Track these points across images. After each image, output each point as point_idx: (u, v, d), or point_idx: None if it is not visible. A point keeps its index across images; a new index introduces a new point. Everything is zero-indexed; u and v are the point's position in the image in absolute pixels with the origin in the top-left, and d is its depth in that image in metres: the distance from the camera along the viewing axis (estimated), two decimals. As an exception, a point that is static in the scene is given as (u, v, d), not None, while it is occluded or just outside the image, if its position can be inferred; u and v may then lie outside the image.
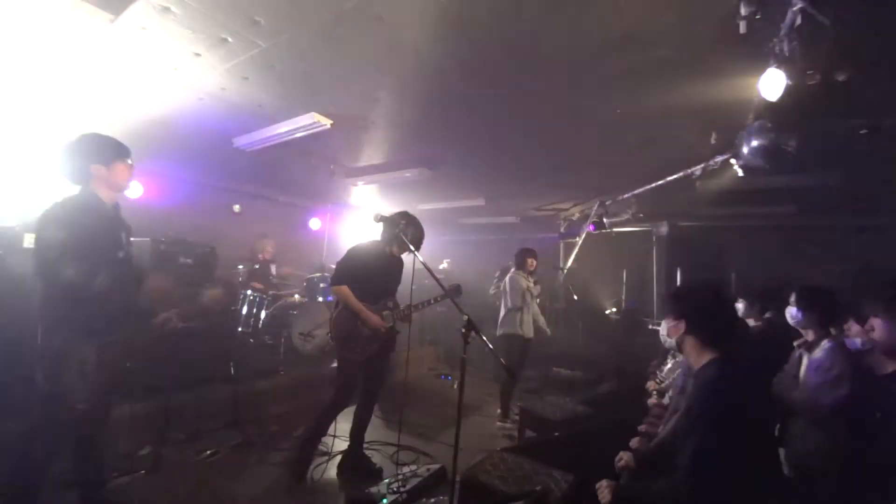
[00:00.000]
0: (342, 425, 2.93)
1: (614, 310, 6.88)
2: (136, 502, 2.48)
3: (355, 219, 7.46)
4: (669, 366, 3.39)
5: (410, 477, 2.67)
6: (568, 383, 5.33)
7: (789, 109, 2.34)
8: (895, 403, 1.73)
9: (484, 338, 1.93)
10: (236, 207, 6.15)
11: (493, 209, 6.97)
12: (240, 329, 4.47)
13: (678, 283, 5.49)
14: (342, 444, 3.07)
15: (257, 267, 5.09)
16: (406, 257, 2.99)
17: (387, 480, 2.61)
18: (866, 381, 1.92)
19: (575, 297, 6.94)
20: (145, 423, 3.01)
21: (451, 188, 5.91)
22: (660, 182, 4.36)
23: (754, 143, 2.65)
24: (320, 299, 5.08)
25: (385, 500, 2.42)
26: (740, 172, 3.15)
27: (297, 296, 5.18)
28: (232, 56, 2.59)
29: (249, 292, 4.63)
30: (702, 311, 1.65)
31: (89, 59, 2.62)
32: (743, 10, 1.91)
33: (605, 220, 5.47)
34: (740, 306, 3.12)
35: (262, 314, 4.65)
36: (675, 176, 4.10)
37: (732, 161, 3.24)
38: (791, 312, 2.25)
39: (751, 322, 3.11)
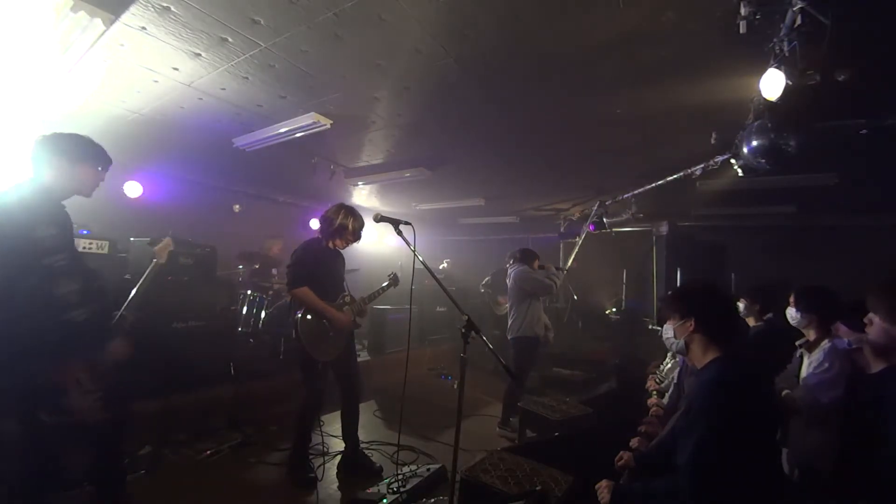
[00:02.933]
0: (336, 425, 2.91)
1: (614, 310, 6.88)
2: (136, 502, 2.48)
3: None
4: (669, 366, 3.39)
5: (410, 477, 2.67)
6: (568, 383, 5.32)
7: (789, 109, 2.34)
8: (886, 400, 1.75)
9: (484, 338, 1.93)
10: (236, 207, 6.15)
11: (492, 209, 6.97)
12: (240, 329, 4.47)
13: (678, 283, 5.48)
14: (341, 444, 3.07)
15: (257, 266, 5.09)
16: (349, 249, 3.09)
17: (387, 480, 2.61)
18: (863, 380, 1.93)
19: (575, 297, 6.96)
20: (145, 423, 3.01)
21: (451, 188, 5.90)
22: (660, 182, 4.36)
23: (754, 143, 2.64)
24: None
25: (385, 500, 2.42)
26: (740, 172, 3.15)
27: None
28: (232, 56, 2.59)
29: (249, 292, 4.63)
30: (709, 307, 1.66)
31: (89, 59, 2.61)
32: (743, 10, 1.91)
33: (605, 220, 5.47)
34: (740, 306, 3.12)
35: (262, 314, 4.65)
36: (675, 176, 4.10)
37: (732, 161, 3.23)
38: (790, 313, 2.26)
39: (751, 322, 3.11)
